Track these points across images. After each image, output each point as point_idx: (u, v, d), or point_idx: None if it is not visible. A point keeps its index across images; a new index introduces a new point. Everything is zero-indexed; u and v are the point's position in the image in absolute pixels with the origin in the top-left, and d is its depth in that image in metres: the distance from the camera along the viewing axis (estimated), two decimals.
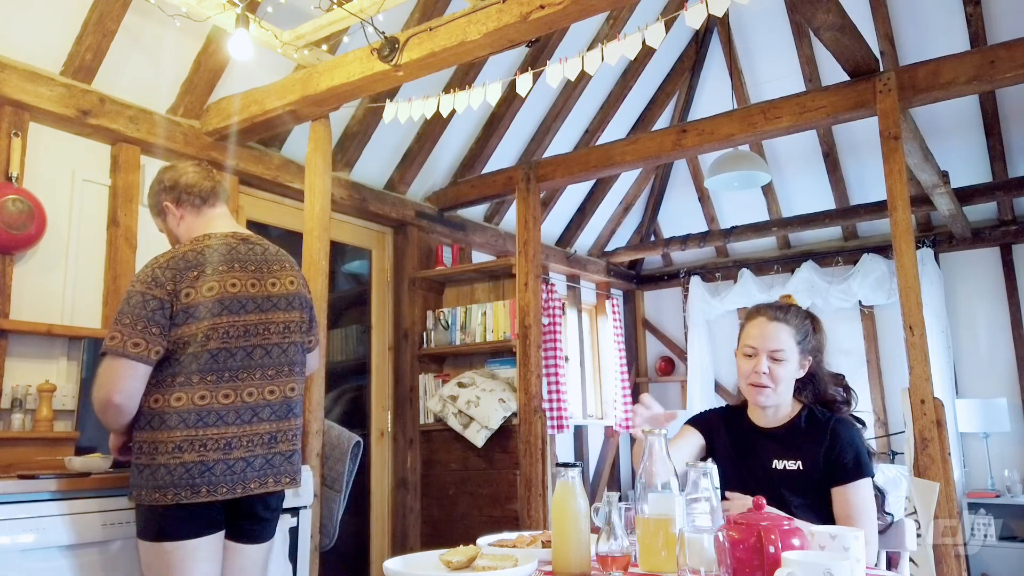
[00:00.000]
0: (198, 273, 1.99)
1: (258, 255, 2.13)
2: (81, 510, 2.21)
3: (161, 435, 1.93)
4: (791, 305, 1.91)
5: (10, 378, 2.77)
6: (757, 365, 1.82)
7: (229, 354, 1.99)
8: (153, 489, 1.91)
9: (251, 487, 1.99)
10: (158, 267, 1.99)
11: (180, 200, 2.17)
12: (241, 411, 1.99)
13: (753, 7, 5.14)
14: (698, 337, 6.37)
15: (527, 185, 4.36)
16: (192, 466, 1.92)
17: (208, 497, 1.92)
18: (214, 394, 1.97)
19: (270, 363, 2.06)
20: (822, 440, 1.79)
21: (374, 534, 4.32)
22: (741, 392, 1.94)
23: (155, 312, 1.92)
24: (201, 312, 1.97)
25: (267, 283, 2.09)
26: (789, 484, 1.78)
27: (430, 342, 4.56)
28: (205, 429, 1.94)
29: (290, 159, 3.86)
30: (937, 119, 4.90)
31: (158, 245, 3.29)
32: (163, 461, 1.91)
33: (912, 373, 3.02)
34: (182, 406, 1.94)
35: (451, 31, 2.69)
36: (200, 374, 1.96)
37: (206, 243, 2.07)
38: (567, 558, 1.35)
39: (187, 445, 1.92)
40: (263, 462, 2.02)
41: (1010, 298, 5.35)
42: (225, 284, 2.01)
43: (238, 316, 2.01)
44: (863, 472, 1.74)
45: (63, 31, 2.94)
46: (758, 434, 1.88)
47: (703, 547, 1.24)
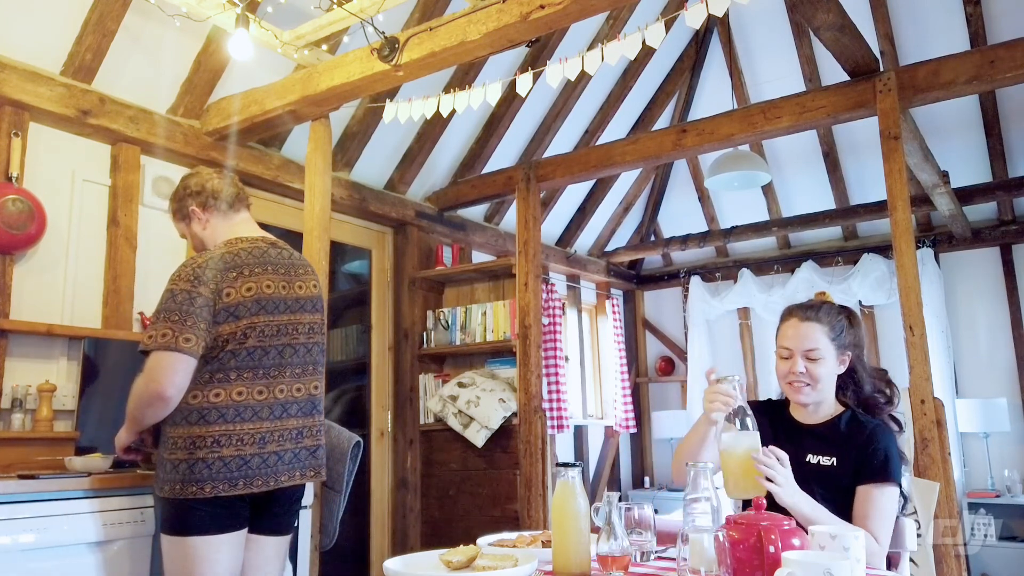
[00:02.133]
0: (236, 274, 2.07)
1: (285, 259, 2.21)
2: (81, 510, 2.21)
3: (199, 430, 1.98)
4: (824, 302, 1.91)
5: (10, 378, 2.77)
6: (793, 366, 1.83)
7: (264, 352, 2.07)
8: (190, 483, 1.95)
9: (282, 480, 2.06)
10: (198, 267, 2.05)
11: (206, 205, 2.23)
12: (273, 407, 2.07)
13: (753, 7, 5.13)
14: (698, 337, 6.37)
15: (527, 185, 4.36)
16: (230, 460, 1.98)
17: (244, 490, 1.98)
18: (250, 390, 2.04)
19: (298, 362, 2.15)
20: (859, 441, 1.79)
21: (374, 534, 4.32)
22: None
23: (202, 309, 1.99)
24: (241, 311, 2.04)
25: (295, 286, 2.18)
26: (820, 479, 1.78)
27: (430, 342, 4.56)
28: (242, 424, 2.01)
29: (290, 159, 3.86)
30: (937, 119, 4.90)
31: (158, 245, 3.32)
32: (202, 455, 1.96)
33: (912, 373, 3.02)
34: (221, 402, 2.00)
35: (451, 31, 2.69)
36: (238, 371, 2.03)
37: (240, 246, 2.14)
38: (567, 558, 1.35)
39: (225, 440, 1.98)
40: (292, 456, 2.09)
41: (1010, 298, 5.35)
42: (261, 285, 2.09)
43: (272, 316, 2.10)
44: (889, 477, 1.74)
45: (63, 31, 2.94)
46: (797, 429, 1.90)
47: (703, 547, 1.25)
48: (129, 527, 2.31)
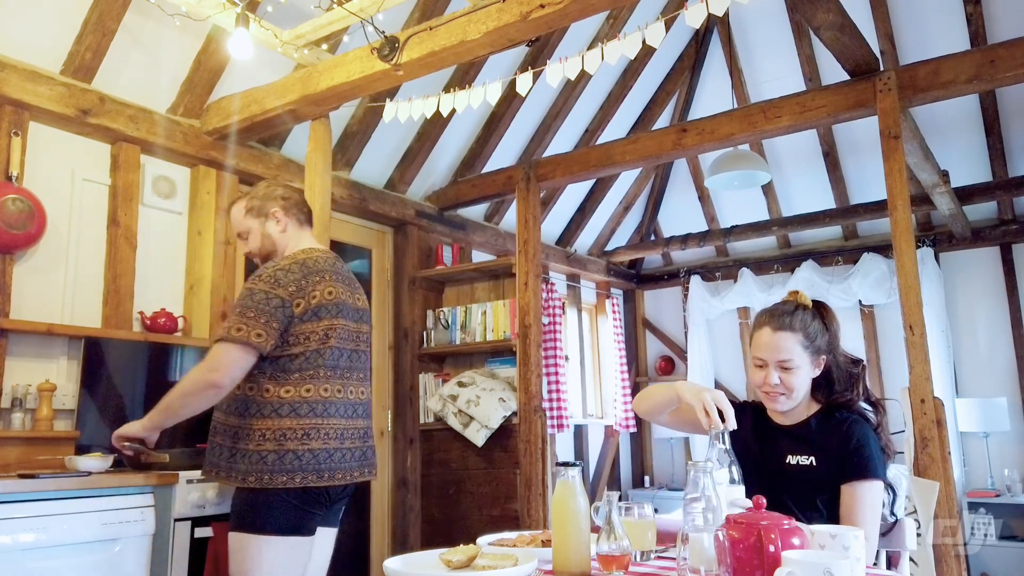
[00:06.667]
0: (320, 278, 2.18)
1: (347, 273, 2.35)
2: (81, 510, 2.21)
3: (289, 422, 2.06)
4: (796, 306, 1.84)
5: (10, 378, 2.77)
6: (768, 376, 1.80)
7: (341, 354, 2.19)
8: (279, 473, 2.02)
9: (354, 476, 2.18)
10: (280, 270, 2.14)
11: (289, 211, 2.33)
12: (348, 406, 2.20)
13: (753, 7, 5.13)
14: (698, 336, 6.37)
15: (527, 184, 4.35)
16: (319, 452, 2.08)
17: (328, 482, 2.08)
18: (333, 388, 2.16)
19: (361, 367, 2.29)
20: (837, 438, 1.78)
21: (374, 533, 4.32)
22: (750, 391, 1.93)
23: (276, 309, 2.08)
24: (323, 312, 2.15)
25: (356, 296, 2.32)
26: (802, 479, 1.78)
27: (430, 341, 4.56)
28: (328, 419, 2.12)
29: (290, 158, 3.86)
30: (937, 119, 4.90)
31: (158, 245, 3.32)
32: (291, 447, 2.04)
33: (912, 372, 3.02)
34: (311, 396, 2.10)
35: (451, 30, 2.69)
36: (324, 368, 2.14)
37: (316, 255, 2.25)
38: (567, 557, 1.35)
39: (314, 432, 2.08)
40: (360, 454, 2.22)
41: (1010, 298, 5.35)
42: (338, 291, 2.21)
43: (346, 321, 2.22)
44: (872, 473, 1.73)
45: (63, 31, 2.94)
46: (775, 430, 1.89)
47: (703, 547, 1.24)
48: (129, 527, 2.32)
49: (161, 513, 2.46)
